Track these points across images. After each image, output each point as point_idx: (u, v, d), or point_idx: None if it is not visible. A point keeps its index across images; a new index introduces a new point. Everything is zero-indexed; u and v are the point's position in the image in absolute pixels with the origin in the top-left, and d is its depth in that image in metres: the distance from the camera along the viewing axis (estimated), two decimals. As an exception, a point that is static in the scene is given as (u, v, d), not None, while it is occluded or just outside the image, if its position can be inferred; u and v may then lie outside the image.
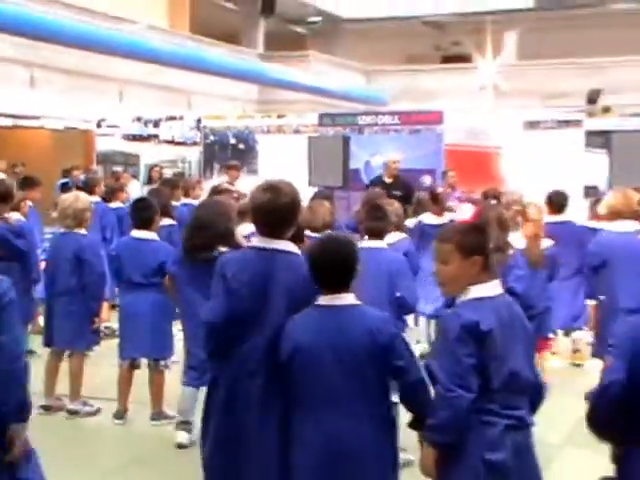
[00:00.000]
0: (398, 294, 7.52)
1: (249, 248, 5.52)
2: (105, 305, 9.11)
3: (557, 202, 10.98)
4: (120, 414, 8.55)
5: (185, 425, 7.83)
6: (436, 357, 4.59)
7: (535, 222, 9.75)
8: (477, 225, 5.22)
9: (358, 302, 5.01)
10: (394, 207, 9.05)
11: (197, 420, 6.34)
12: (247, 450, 5.15)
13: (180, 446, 7.72)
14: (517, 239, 8.97)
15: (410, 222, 11.56)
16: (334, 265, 5.02)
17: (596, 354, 9.10)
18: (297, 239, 7.25)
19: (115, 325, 9.24)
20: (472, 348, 4.52)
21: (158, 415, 8.50)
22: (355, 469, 4.81)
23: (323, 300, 4.99)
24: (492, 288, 4.73)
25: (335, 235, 5.65)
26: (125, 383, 8.59)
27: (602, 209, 9.48)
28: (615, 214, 8.69)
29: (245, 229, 7.94)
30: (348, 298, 4.99)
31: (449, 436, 4.55)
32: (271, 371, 5.09)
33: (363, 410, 4.84)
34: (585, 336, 10.85)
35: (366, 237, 7.91)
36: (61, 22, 21.89)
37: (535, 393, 4.74)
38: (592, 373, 10.12)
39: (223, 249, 7.10)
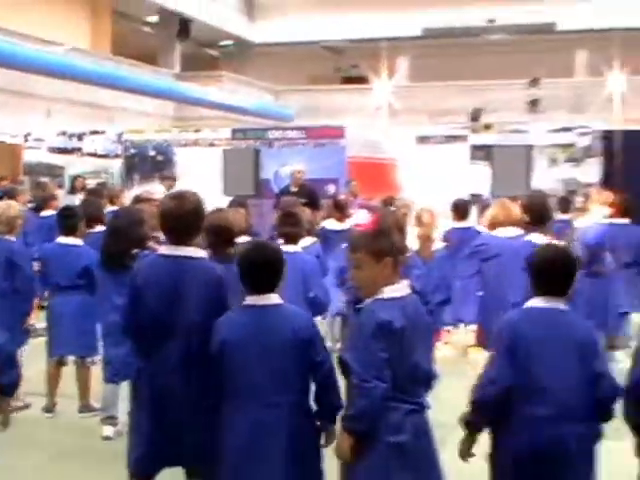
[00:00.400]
0: (312, 294, 7.58)
1: (158, 256, 5.43)
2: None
3: (462, 209, 11.11)
4: (49, 408, 8.54)
5: (110, 419, 7.80)
6: (352, 351, 4.62)
7: (427, 225, 9.90)
8: (382, 230, 5.29)
9: (282, 302, 5.05)
10: (306, 214, 9.09)
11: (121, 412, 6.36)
12: (175, 445, 5.21)
13: (106, 438, 7.69)
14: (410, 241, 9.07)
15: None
16: (262, 269, 5.05)
17: (480, 344, 9.29)
18: (227, 243, 7.29)
19: (41, 325, 9.10)
20: (385, 344, 4.57)
21: (85, 408, 8.48)
22: (277, 455, 4.82)
23: (251, 300, 5.01)
24: (402, 289, 4.78)
25: (263, 242, 5.66)
26: (54, 379, 8.60)
27: (485, 221, 9.59)
28: (497, 224, 8.79)
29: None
30: (273, 298, 5.02)
31: (366, 424, 4.59)
32: (190, 367, 5.14)
33: (284, 400, 4.86)
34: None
35: (281, 241, 7.92)
36: (-9, 44, 21.59)
37: (428, 381, 4.81)
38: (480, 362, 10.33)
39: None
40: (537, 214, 7.66)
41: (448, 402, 5.00)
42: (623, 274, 10.01)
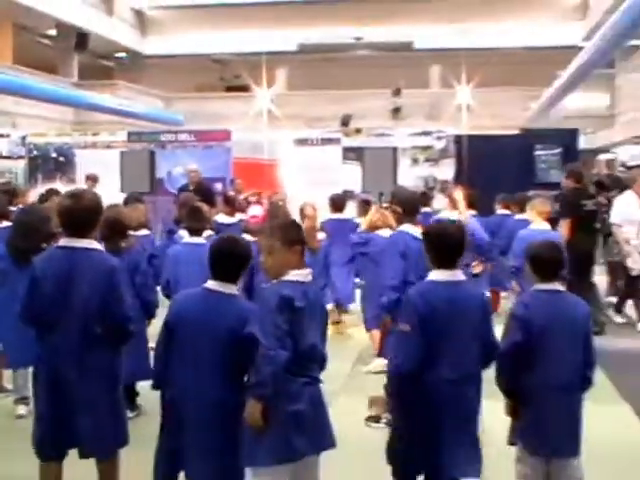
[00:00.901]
0: None
1: (56, 247, 5.29)
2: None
3: (338, 202, 11.18)
4: None
5: (22, 400, 7.58)
6: (258, 325, 4.61)
7: (311, 217, 9.94)
8: (294, 221, 5.36)
9: (237, 293, 5.05)
10: (205, 209, 9.05)
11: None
12: (71, 427, 5.09)
13: (20, 417, 7.47)
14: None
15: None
16: (226, 259, 5.02)
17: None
18: (119, 235, 7.21)
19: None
20: (287, 317, 4.59)
21: None
22: (204, 423, 4.83)
23: (211, 285, 4.98)
24: (305, 275, 4.80)
25: (233, 236, 5.59)
26: None
27: (363, 225, 9.77)
28: (374, 228, 8.93)
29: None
30: (232, 288, 5.00)
31: (271, 389, 4.59)
32: (84, 351, 5.02)
33: (220, 373, 4.86)
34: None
35: (186, 234, 8.03)
36: None
37: (323, 361, 4.84)
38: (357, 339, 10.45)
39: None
40: (410, 206, 7.72)
41: (331, 373, 5.01)
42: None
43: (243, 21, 34.76)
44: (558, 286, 5.16)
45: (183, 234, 8.60)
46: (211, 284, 4.98)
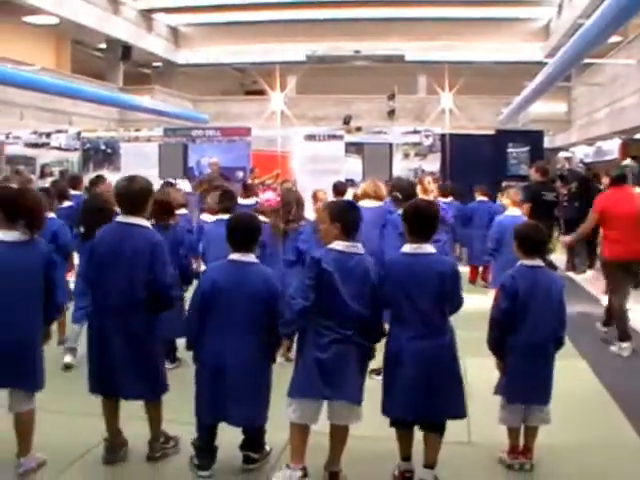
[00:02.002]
0: None
1: (113, 222, 5.22)
2: None
3: (340, 188, 11.11)
4: None
5: (71, 350, 7.55)
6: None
7: (322, 200, 9.87)
8: (346, 203, 5.35)
9: (257, 260, 5.01)
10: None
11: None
12: (112, 376, 5.04)
13: (67, 366, 7.43)
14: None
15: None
16: (242, 232, 5.01)
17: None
18: (168, 214, 7.15)
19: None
20: (313, 274, 4.62)
21: (60, 342, 8.00)
22: (237, 377, 4.81)
23: (234, 256, 4.96)
24: (346, 246, 4.74)
25: (246, 213, 5.56)
26: None
27: (359, 191, 9.48)
28: (365, 195, 8.76)
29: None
30: (251, 257, 4.97)
31: (290, 329, 4.78)
32: (128, 312, 4.95)
33: (252, 331, 4.85)
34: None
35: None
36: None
37: (358, 320, 4.73)
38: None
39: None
40: (406, 193, 7.70)
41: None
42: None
43: (260, 36, 34.58)
44: (539, 262, 5.13)
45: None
46: (235, 256, 4.94)
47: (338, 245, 4.75)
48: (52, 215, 8.24)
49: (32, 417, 5.00)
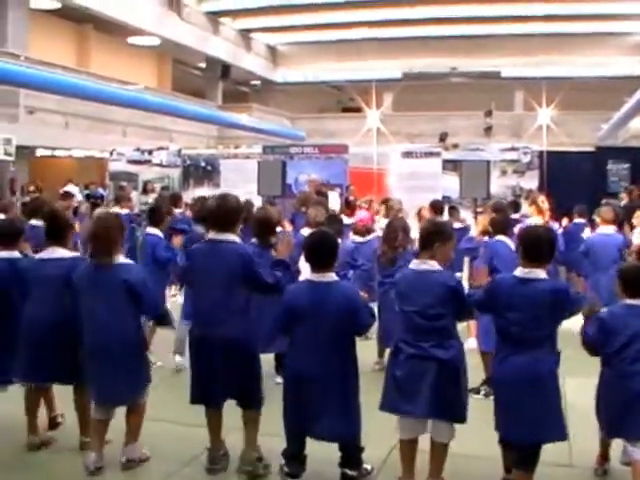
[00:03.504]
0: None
1: (207, 240, 5.36)
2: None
3: (438, 206, 11.06)
4: None
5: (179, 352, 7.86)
6: None
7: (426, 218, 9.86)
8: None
9: (337, 279, 5.06)
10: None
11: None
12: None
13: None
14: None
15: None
16: (321, 251, 5.07)
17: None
18: (268, 232, 7.18)
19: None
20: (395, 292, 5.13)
21: None
22: (327, 393, 4.94)
23: (313, 277, 5.02)
24: (421, 264, 5.00)
25: (323, 231, 5.59)
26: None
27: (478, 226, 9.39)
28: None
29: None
30: (331, 276, 5.02)
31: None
32: (226, 320, 5.04)
33: (336, 348, 4.93)
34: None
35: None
36: (84, 84, 21.62)
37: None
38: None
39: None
40: (499, 227, 7.61)
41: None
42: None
43: (356, 54, 34.80)
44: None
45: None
46: (314, 276, 5.00)
47: (413, 264, 5.01)
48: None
49: (142, 410, 5.37)
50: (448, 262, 5.02)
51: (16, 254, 5.88)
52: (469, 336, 8.99)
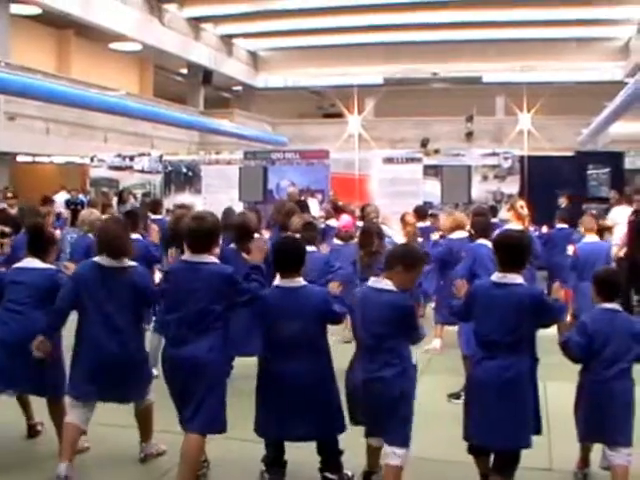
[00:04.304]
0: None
1: (181, 261, 5.23)
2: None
3: (422, 212, 11.09)
4: None
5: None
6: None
7: (411, 224, 9.95)
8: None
9: (305, 283, 5.10)
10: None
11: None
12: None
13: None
14: (399, 236, 9.13)
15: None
16: (289, 256, 5.09)
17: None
18: (246, 237, 7.20)
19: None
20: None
21: None
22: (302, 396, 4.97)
23: (281, 282, 5.07)
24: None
25: (291, 237, 5.62)
26: None
27: (444, 226, 9.49)
28: (456, 227, 8.81)
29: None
30: (299, 281, 5.07)
31: None
32: (199, 337, 4.90)
33: (304, 353, 4.98)
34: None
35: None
36: (65, 90, 21.55)
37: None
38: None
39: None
40: (480, 227, 7.72)
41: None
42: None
43: (337, 59, 34.83)
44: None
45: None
46: (282, 282, 5.05)
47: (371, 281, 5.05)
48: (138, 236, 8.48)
49: (150, 410, 5.54)
50: (406, 290, 4.92)
51: None
52: (435, 336, 9.13)
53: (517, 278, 4.81)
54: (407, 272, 4.84)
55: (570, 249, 9.88)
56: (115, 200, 19.25)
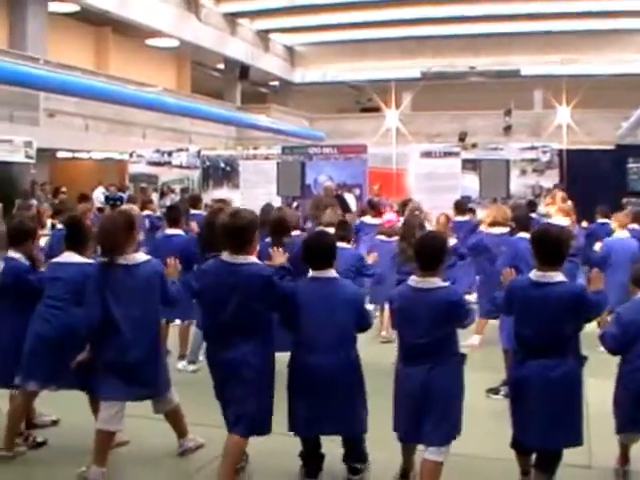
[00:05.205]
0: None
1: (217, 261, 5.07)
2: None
3: (461, 207, 11.02)
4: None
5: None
6: None
7: (442, 225, 9.88)
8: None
9: (337, 275, 5.06)
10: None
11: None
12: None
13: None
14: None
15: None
16: (320, 250, 5.05)
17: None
18: (282, 232, 7.24)
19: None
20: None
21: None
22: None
23: (313, 273, 5.02)
24: None
25: (321, 231, 5.62)
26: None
27: (486, 218, 9.41)
28: (494, 223, 8.75)
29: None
30: (332, 272, 5.04)
31: None
32: (236, 335, 4.84)
33: (338, 345, 4.92)
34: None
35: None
36: (104, 86, 21.75)
37: None
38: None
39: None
40: (521, 222, 7.69)
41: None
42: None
43: (375, 54, 34.82)
44: None
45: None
46: (315, 274, 5.01)
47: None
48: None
49: (178, 410, 5.56)
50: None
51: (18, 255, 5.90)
52: (475, 333, 9.02)
53: (557, 275, 4.69)
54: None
55: (598, 245, 9.78)
56: (155, 195, 19.42)
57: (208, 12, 30.36)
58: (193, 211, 11.52)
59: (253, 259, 4.99)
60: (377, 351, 5.17)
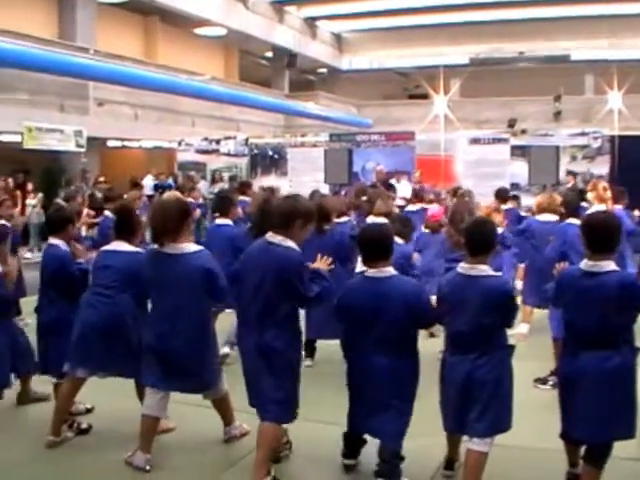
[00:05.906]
0: None
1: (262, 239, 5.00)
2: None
3: (503, 195, 10.89)
4: None
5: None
6: None
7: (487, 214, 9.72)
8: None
9: (395, 273, 4.87)
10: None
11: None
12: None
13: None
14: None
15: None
16: (375, 243, 4.92)
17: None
18: (322, 219, 7.16)
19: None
20: None
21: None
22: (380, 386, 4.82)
23: (369, 272, 4.87)
24: None
25: (379, 224, 5.49)
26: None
27: (534, 206, 9.26)
28: (542, 210, 8.61)
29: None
30: (389, 270, 4.87)
31: None
32: (267, 317, 4.78)
33: (390, 339, 4.80)
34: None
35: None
36: (152, 76, 21.94)
37: None
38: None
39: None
40: (570, 207, 7.56)
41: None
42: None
43: (422, 40, 34.51)
44: None
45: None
46: (370, 272, 4.85)
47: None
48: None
49: (226, 398, 5.57)
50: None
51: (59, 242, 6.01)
52: (523, 321, 8.87)
53: (608, 265, 4.50)
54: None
55: None
56: (203, 183, 19.54)
57: (255, 1, 30.36)
58: (241, 197, 11.51)
59: (290, 243, 4.83)
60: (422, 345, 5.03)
